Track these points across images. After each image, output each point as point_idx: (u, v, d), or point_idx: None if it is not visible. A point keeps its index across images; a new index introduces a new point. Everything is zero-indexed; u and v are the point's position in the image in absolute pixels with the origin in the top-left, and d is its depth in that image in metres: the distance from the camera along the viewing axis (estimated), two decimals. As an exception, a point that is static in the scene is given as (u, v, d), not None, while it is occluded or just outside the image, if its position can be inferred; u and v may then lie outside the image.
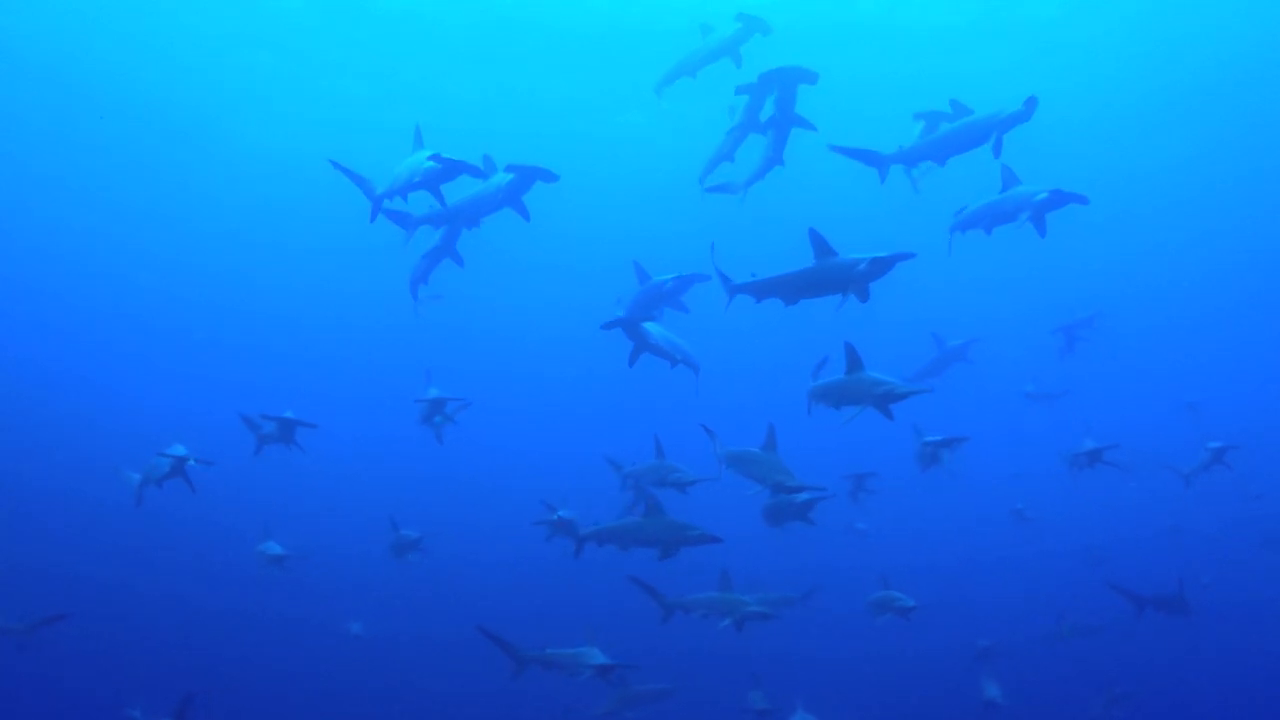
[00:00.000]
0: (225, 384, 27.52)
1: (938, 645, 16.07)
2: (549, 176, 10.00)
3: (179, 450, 10.87)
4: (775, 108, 10.76)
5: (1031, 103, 9.58)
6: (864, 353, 8.35)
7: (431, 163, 9.82)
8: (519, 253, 29.35)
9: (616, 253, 12.96)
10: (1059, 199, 9.83)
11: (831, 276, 8.21)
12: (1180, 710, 16.94)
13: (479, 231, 11.45)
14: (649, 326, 10.49)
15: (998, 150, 10.01)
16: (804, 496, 9.11)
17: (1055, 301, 21.14)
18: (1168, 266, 29.65)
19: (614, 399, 28.22)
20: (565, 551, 10.31)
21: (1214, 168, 28.30)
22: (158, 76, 26.99)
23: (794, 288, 8.56)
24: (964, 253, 11.72)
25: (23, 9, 24.60)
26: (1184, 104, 26.61)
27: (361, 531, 16.53)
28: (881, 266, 7.89)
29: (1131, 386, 25.82)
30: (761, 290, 8.86)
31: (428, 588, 18.94)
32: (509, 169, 10.04)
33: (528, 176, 10.00)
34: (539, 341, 30.98)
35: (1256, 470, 20.26)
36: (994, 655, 15.52)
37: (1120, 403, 23.99)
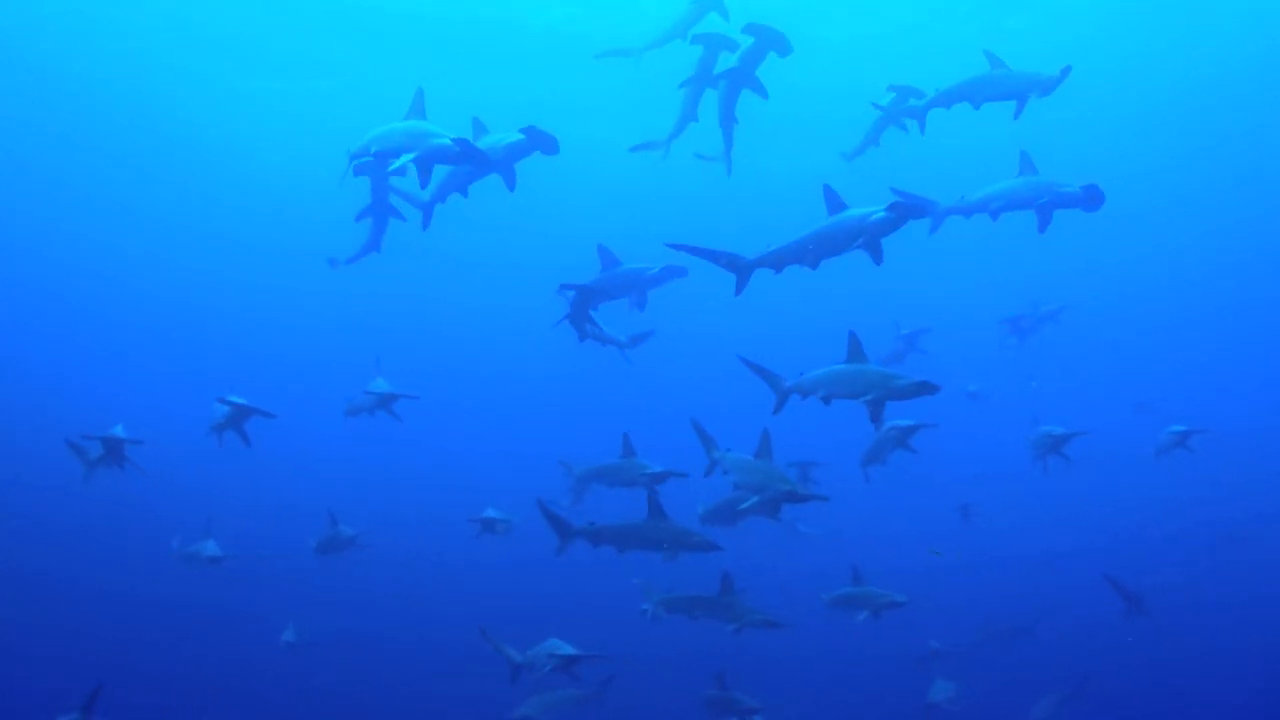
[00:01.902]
0: (179, 378, 27.15)
1: (888, 647, 15.93)
2: (551, 147, 9.67)
3: (118, 431, 10.48)
4: (739, 61, 10.39)
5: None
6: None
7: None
8: (476, 251, 29.48)
9: (576, 251, 12.62)
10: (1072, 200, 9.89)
11: (847, 231, 8.02)
12: (1134, 710, 16.93)
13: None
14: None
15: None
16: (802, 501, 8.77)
17: (1027, 296, 20.76)
18: (1131, 265, 29.76)
19: (573, 399, 28.18)
20: (529, 550, 10.21)
21: (1191, 170, 28.49)
22: (127, 70, 26.63)
23: (811, 249, 8.33)
24: (932, 247, 11.64)
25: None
26: (1167, 108, 26.91)
27: (308, 528, 16.08)
28: (898, 217, 7.70)
29: (1089, 385, 25.85)
30: (780, 260, 8.55)
31: (378, 586, 18.64)
32: (523, 130, 9.66)
33: (538, 140, 9.62)
34: (496, 340, 30.71)
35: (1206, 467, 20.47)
36: (945, 657, 15.37)
37: (1076, 401, 24.00)
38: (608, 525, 9.29)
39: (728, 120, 11.15)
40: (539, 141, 9.61)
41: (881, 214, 7.75)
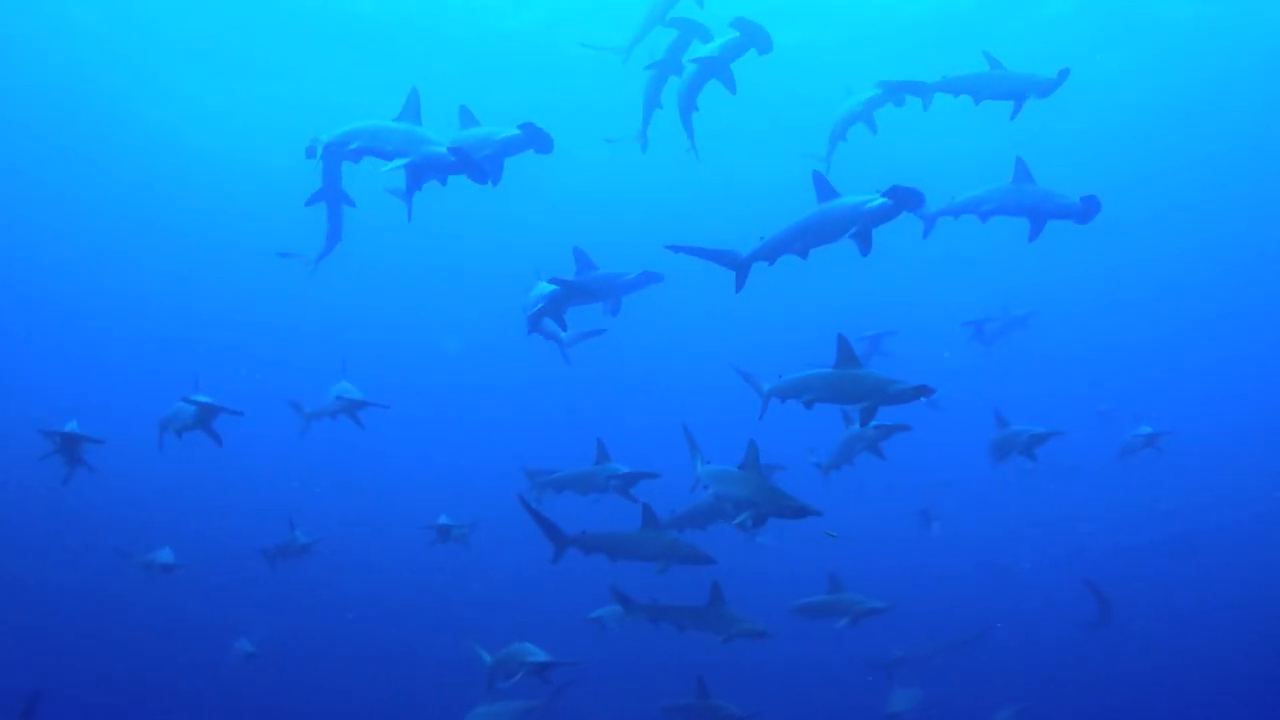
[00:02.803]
0: (134, 377, 26.68)
1: (850, 654, 15.88)
2: (546, 145, 9.31)
3: (72, 426, 10.18)
4: (718, 51, 10.18)
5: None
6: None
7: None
8: (443, 256, 29.29)
9: (550, 256, 12.45)
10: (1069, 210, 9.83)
11: (841, 218, 7.89)
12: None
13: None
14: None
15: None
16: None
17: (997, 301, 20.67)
18: (1098, 274, 29.95)
19: (542, 406, 28.04)
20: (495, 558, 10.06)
21: (1163, 182, 28.74)
22: (73, 60, 25.95)
23: (805, 236, 8.22)
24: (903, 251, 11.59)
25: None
26: (1142, 119, 27.07)
27: (266, 533, 15.80)
28: (895, 206, 7.57)
29: (1054, 391, 25.97)
30: (773, 250, 8.43)
31: (335, 592, 18.37)
32: (521, 126, 9.27)
33: (534, 137, 9.25)
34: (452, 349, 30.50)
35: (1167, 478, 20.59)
36: (906, 665, 15.29)
37: (1039, 407, 24.18)
38: (601, 534, 9.09)
39: (688, 106, 11.07)
40: (534, 139, 9.26)
41: (879, 201, 7.64)
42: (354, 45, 25.53)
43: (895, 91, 11.64)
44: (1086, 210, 9.82)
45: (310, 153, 10.72)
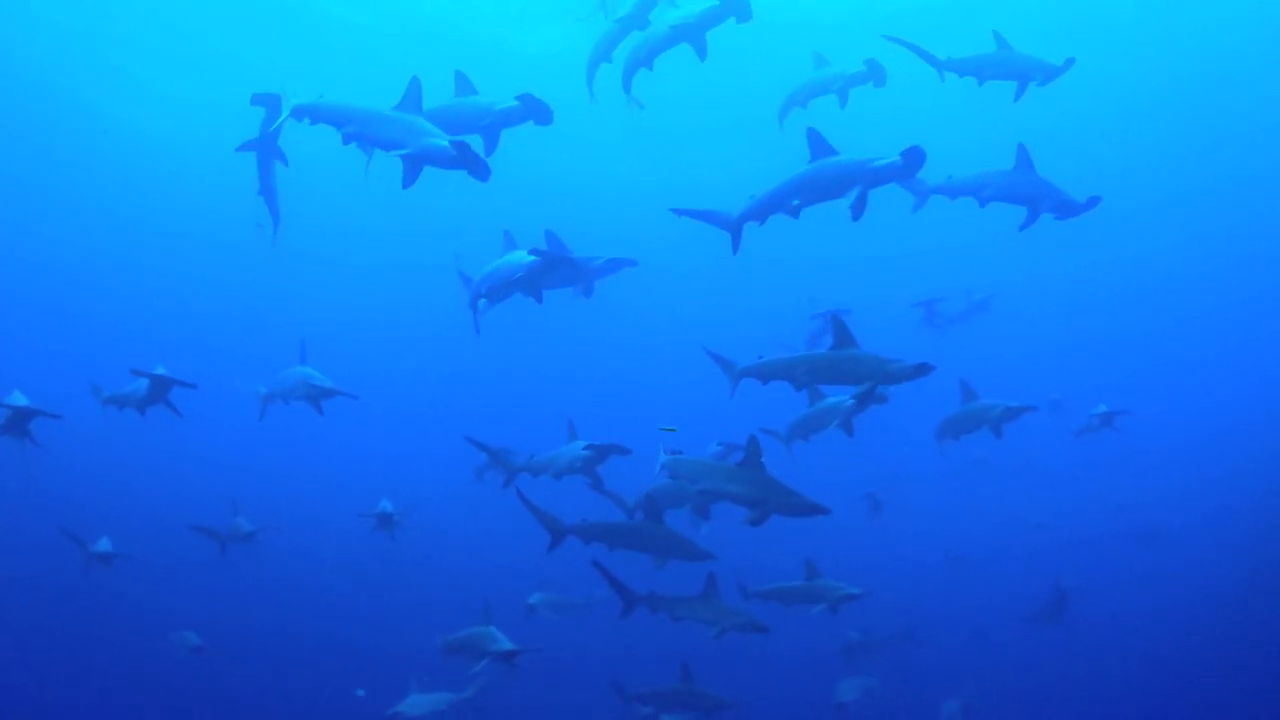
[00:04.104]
0: (80, 359, 26.13)
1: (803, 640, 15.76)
2: (545, 117, 9.09)
3: (19, 399, 9.72)
4: (697, 17, 9.83)
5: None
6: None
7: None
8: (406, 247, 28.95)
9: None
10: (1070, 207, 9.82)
11: (846, 174, 7.75)
12: (1041, 713, 17.02)
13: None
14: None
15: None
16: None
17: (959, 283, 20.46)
18: (1061, 265, 29.99)
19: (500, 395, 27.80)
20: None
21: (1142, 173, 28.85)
22: (29, 50, 25.66)
23: (802, 191, 8.08)
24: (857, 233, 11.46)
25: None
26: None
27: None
28: (907, 165, 7.46)
29: (1004, 380, 25.96)
30: (766, 208, 8.33)
31: (278, 582, 18.03)
32: (519, 97, 9.10)
33: (533, 108, 9.06)
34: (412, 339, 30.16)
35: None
36: (864, 648, 15.11)
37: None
38: (600, 524, 8.92)
39: (640, 63, 10.82)
40: (533, 110, 9.06)
41: (893, 159, 7.50)
42: (313, 35, 25.28)
43: (878, 72, 11.47)
44: (1088, 207, 9.85)
45: (258, 100, 10.49)
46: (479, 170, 8.51)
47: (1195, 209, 30.34)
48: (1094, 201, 9.85)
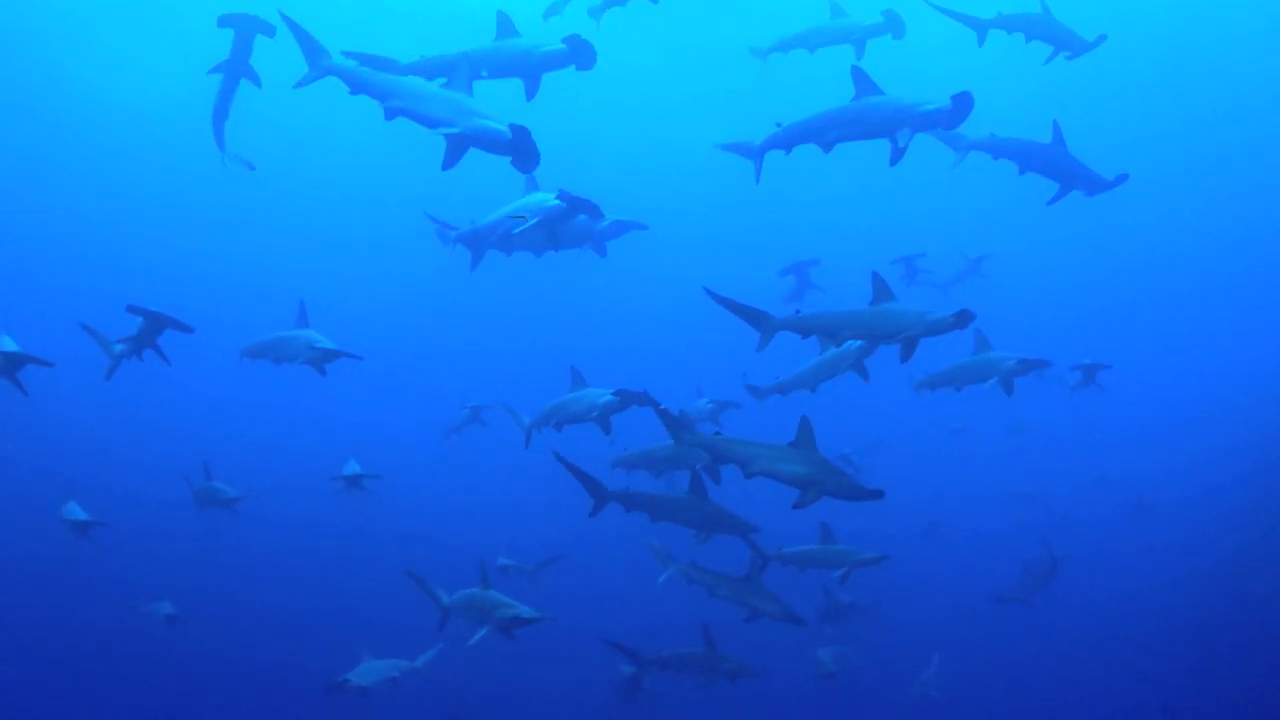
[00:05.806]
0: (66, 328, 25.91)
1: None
2: (588, 61, 8.99)
3: (8, 344, 8.98)
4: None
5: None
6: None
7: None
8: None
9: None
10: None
11: (892, 114, 7.76)
12: (1017, 677, 16.96)
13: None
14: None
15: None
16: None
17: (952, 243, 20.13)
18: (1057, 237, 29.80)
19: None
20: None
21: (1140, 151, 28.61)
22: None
23: (841, 126, 8.12)
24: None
25: None
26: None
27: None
28: (956, 111, 7.53)
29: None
30: (796, 137, 8.36)
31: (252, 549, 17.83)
32: (565, 39, 9.08)
33: (577, 51, 8.94)
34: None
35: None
36: (841, 616, 14.89)
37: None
38: (644, 493, 8.74)
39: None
40: (578, 53, 8.91)
41: (942, 103, 7.59)
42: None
43: (897, 24, 11.72)
44: (1114, 185, 10.15)
45: (226, 21, 10.72)
46: (529, 159, 7.96)
47: (1189, 186, 30.16)
48: (1121, 179, 10.10)
